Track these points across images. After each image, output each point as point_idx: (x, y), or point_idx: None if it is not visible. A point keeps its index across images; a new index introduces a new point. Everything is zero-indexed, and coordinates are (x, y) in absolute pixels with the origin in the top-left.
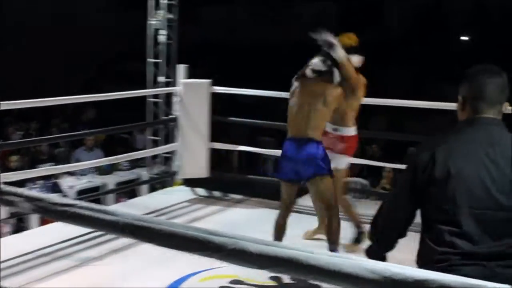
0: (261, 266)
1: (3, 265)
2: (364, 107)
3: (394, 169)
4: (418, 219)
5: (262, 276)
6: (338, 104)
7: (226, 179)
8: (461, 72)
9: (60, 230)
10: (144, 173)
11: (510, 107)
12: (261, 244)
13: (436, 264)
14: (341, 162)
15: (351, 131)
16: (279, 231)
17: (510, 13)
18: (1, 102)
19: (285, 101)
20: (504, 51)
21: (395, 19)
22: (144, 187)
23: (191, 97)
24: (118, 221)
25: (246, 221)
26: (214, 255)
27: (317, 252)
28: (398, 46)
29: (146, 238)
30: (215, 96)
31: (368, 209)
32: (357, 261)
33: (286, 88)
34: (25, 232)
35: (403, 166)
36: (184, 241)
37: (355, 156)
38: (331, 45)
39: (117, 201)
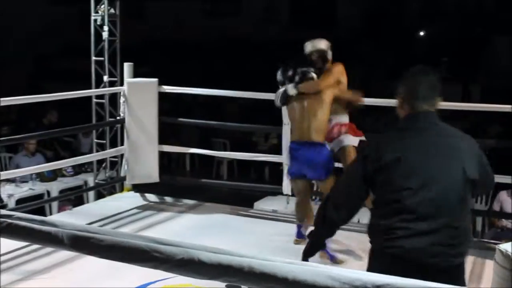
0: (212, 276)
1: None
2: None
3: None
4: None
5: (219, 285)
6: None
7: (178, 183)
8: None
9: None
10: (90, 179)
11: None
12: (212, 253)
13: (384, 236)
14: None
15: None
16: (303, 212)
17: (464, 8)
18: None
19: (237, 100)
20: (459, 45)
21: (347, 15)
22: (91, 194)
23: (137, 97)
24: (58, 232)
25: (199, 228)
26: (161, 266)
27: (272, 259)
28: (350, 43)
29: (88, 250)
30: (163, 96)
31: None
32: (314, 268)
33: (238, 86)
34: None
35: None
36: (129, 252)
37: None
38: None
39: (61, 209)
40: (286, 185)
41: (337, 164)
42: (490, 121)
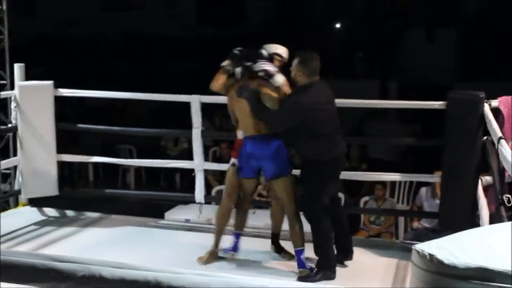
0: None
1: None
2: None
3: None
4: None
5: None
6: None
7: (80, 195)
8: None
9: None
10: None
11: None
12: (115, 268)
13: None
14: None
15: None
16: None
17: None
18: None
19: (143, 102)
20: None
21: (257, 10)
22: None
23: (31, 102)
24: None
25: (104, 243)
26: (60, 285)
27: (181, 271)
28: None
29: None
30: (59, 100)
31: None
32: (225, 279)
33: (139, 88)
34: None
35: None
36: (22, 272)
37: None
38: (270, 75)
39: None
40: (199, 193)
41: None
42: (410, 119)
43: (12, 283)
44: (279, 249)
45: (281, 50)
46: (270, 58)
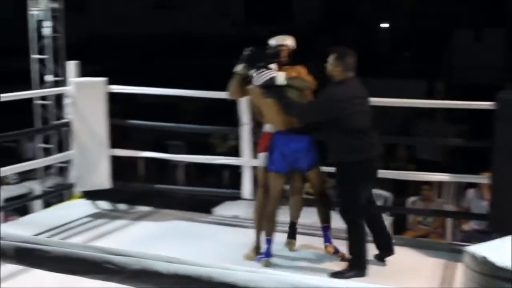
0: (170, 287)
1: None
2: None
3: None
4: None
5: None
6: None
7: (132, 190)
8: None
9: None
10: (36, 187)
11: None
12: (169, 262)
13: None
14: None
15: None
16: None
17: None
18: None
19: (193, 99)
20: (422, 36)
21: (304, 9)
22: (38, 203)
23: (85, 98)
24: (1, 245)
25: (155, 237)
26: (113, 278)
27: (233, 267)
28: (309, 37)
29: (33, 263)
30: (112, 97)
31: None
32: (276, 276)
33: (189, 85)
34: None
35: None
36: (78, 264)
37: None
38: (273, 81)
39: (5, 219)
40: (247, 189)
41: None
42: (458, 119)
43: (67, 274)
44: (293, 239)
45: (289, 41)
46: (277, 50)
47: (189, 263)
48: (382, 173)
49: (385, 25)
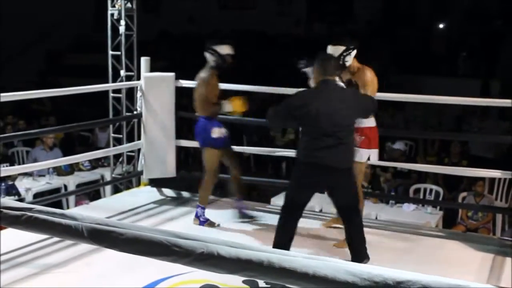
0: (232, 271)
1: None
2: None
3: (372, 165)
4: None
5: (235, 279)
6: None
7: (195, 178)
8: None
9: (17, 235)
10: (107, 173)
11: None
12: (232, 247)
13: (309, 152)
14: (358, 155)
15: (370, 122)
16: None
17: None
18: (1, 94)
19: (254, 94)
20: (479, 37)
21: (365, 9)
22: (107, 188)
23: (155, 92)
24: (78, 225)
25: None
26: (181, 260)
27: (292, 254)
28: (368, 38)
29: (108, 243)
30: (181, 91)
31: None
32: (334, 263)
33: (253, 81)
34: None
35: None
36: (149, 246)
37: None
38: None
39: (78, 203)
40: None
41: None
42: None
43: (138, 255)
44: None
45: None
46: (223, 59)
47: (250, 248)
48: (436, 169)
49: (442, 25)
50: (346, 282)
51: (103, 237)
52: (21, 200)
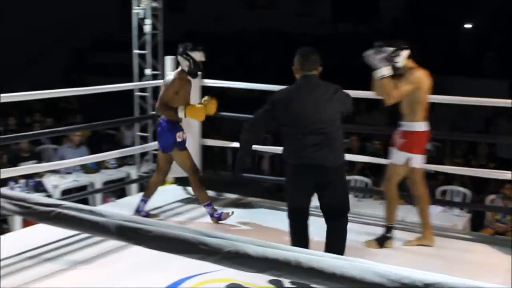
0: (260, 270)
1: None
2: (366, 102)
3: None
4: None
5: (261, 279)
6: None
7: (220, 177)
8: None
9: (44, 232)
10: (133, 172)
11: None
12: (260, 246)
13: (295, 153)
14: (395, 157)
15: (415, 126)
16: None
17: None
18: (2, 95)
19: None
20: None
21: (390, 8)
22: (133, 186)
23: None
24: (106, 222)
25: (241, 223)
26: (209, 258)
27: (320, 254)
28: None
29: (136, 240)
30: (205, 90)
31: (370, 208)
32: (362, 264)
33: (277, 80)
34: (7, 235)
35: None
36: (176, 244)
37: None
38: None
39: (104, 201)
40: None
41: None
42: None
43: (166, 252)
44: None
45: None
46: (197, 65)
47: (278, 247)
48: (463, 171)
49: (469, 25)
50: (374, 283)
51: (131, 233)
52: (49, 197)
